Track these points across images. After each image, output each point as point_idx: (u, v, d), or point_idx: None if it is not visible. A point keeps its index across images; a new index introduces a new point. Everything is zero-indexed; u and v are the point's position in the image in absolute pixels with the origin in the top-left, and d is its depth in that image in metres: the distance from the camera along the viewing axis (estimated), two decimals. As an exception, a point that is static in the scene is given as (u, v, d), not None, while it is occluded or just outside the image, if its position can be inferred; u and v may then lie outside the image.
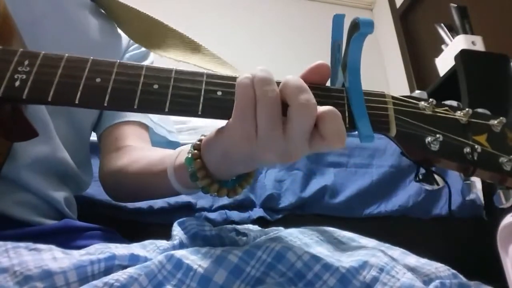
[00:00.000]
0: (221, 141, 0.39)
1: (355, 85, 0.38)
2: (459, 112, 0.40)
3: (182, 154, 0.46)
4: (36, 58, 0.38)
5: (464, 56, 1.35)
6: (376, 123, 0.38)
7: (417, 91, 0.42)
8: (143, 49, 0.73)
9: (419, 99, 0.40)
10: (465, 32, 1.58)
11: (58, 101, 0.37)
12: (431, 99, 0.40)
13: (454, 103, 0.41)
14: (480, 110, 0.41)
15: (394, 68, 2.52)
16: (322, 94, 0.38)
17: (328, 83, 0.40)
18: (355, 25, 0.37)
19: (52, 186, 0.53)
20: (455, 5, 1.62)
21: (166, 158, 0.49)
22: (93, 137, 0.69)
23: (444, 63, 1.61)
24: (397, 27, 2.51)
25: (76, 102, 0.37)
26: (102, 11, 0.70)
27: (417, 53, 2.37)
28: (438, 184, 0.40)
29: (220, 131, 0.40)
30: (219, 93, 0.38)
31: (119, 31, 0.71)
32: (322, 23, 2.58)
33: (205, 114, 0.37)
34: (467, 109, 0.40)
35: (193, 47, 0.60)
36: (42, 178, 0.51)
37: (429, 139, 0.38)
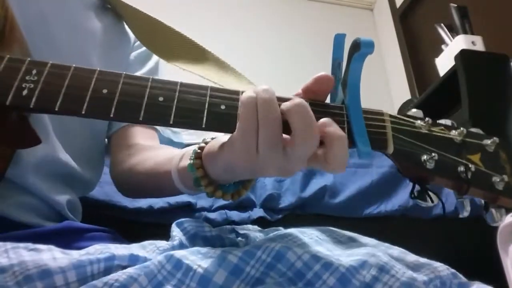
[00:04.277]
0: (223, 156, 0.40)
1: (355, 102, 0.39)
2: (453, 131, 0.41)
3: (185, 157, 0.47)
4: (44, 67, 0.38)
5: (464, 56, 1.35)
6: (374, 141, 0.39)
7: (414, 110, 0.43)
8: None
9: (416, 118, 0.41)
10: (465, 32, 1.58)
11: (65, 111, 0.37)
12: (427, 118, 0.42)
13: (448, 122, 0.42)
14: (474, 129, 0.42)
15: (394, 68, 2.52)
16: (323, 111, 0.39)
17: (328, 100, 0.41)
18: (356, 45, 0.37)
19: (55, 188, 0.52)
20: (455, 5, 1.62)
21: (172, 159, 0.50)
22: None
23: (444, 63, 1.61)
24: (397, 27, 2.51)
25: (83, 112, 0.37)
26: (109, 6, 0.70)
27: (417, 53, 2.37)
28: (432, 201, 0.41)
29: (222, 146, 0.41)
30: (223, 107, 0.38)
31: (127, 28, 0.70)
32: (322, 23, 2.58)
33: (208, 128, 0.38)
34: (461, 128, 0.41)
35: (199, 54, 0.60)
36: (44, 180, 0.51)
37: (425, 157, 0.39)
